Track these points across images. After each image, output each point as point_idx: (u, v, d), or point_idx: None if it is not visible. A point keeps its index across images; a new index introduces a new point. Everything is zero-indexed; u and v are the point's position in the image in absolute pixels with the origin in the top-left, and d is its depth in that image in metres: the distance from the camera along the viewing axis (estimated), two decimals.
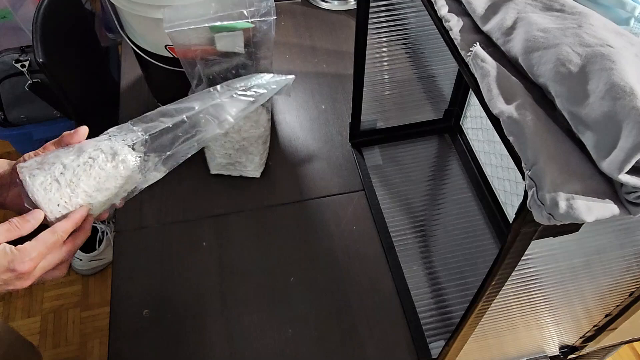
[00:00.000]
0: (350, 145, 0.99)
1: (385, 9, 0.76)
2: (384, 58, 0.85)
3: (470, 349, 0.65)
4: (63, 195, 0.53)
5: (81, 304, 1.58)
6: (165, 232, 0.87)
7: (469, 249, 0.86)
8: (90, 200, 0.55)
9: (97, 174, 0.54)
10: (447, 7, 0.50)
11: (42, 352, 1.48)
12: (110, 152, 0.55)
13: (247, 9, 0.74)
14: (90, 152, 0.55)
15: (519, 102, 0.39)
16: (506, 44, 0.45)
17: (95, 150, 0.55)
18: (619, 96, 0.35)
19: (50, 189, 0.52)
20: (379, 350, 0.76)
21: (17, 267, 0.48)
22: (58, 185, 0.52)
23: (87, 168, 0.54)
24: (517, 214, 0.38)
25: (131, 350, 0.75)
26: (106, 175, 0.55)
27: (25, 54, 1.47)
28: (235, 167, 0.92)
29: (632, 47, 0.39)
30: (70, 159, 0.54)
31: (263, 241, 0.86)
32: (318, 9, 1.28)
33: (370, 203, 0.90)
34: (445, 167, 0.98)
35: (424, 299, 0.81)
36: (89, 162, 0.54)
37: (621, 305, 0.62)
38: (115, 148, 0.56)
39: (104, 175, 0.54)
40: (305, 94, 1.09)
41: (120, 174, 0.56)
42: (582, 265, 0.56)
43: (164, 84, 0.99)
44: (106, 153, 0.55)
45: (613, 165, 0.34)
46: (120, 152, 0.56)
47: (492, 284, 0.47)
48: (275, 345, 0.76)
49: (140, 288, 0.81)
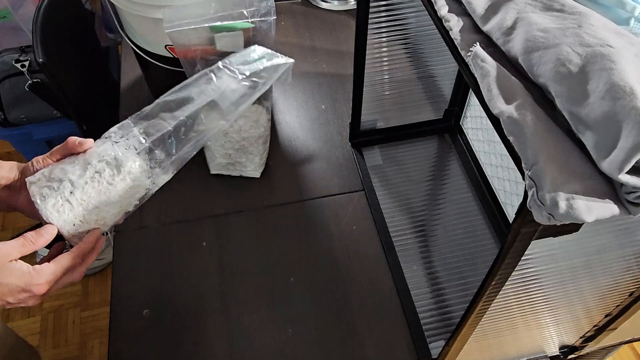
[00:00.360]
0: (350, 145, 0.99)
1: (385, 9, 0.76)
2: (384, 58, 0.85)
3: (470, 349, 0.65)
4: (77, 215, 0.54)
5: (81, 304, 1.58)
6: (165, 232, 0.87)
7: (469, 249, 0.86)
8: (103, 215, 0.55)
9: (106, 189, 0.54)
10: (447, 7, 0.50)
11: (42, 352, 1.48)
12: (116, 165, 0.54)
13: (247, 9, 0.74)
14: (96, 165, 0.54)
15: (519, 102, 0.39)
16: (506, 44, 0.45)
17: (100, 161, 0.54)
18: (619, 96, 0.35)
19: (63, 210, 0.53)
20: (379, 350, 0.76)
21: (33, 289, 0.50)
22: (70, 205, 0.53)
23: (95, 185, 0.53)
24: (517, 214, 0.38)
25: (131, 350, 0.75)
26: (115, 189, 0.55)
27: (25, 54, 1.47)
28: (235, 167, 0.92)
29: (632, 47, 0.39)
30: (77, 175, 0.53)
31: (263, 241, 0.86)
32: (318, 9, 1.28)
33: (370, 203, 0.90)
34: (445, 167, 0.98)
35: (424, 299, 0.81)
36: (96, 178, 0.54)
37: (621, 305, 0.62)
38: (120, 159, 0.55)
39: (113, 190, 0.54)
40: (305, 94, 1.09)
41: (129, 186, 0.55)
42: (582, 265, 0.56)
43: (164, 84, 0.98)
44: (111, 165, 0.54)
45: (613, 165, 0.34)
46: (125, 163, 0.55)
47: (492, 284, 0.47)
48: (275, 345, 0.76)
49: (140, 288, 0.81)
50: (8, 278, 0.48)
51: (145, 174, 0.56)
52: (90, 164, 0.54)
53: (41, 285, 0.50)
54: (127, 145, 0.56)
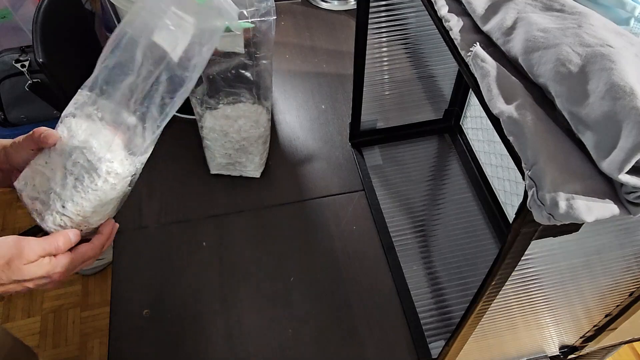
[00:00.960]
0: (350, 145, 0.99)
1: (385, 9, 0.76)
2: (384, 58, 0.85)
3: (470, 349, 0.65)
4: (80, 224, 0.54)
5: (81, 304, 1.58)
6: (165, 232, 0.87)
7: (469, 249, 0.86)
8: (105, 212, 0.56)
9: (95, 195, 0.53)
10: (447, 7, 0.50)
11: (42, 352, 1.48)
12: (91, 167, 0.52)
13: (247, 9, 0.74)
14: (72, 171, 0.53)
15: (519, 102, 0.39)
16: (506, 44, 0.45)
17: (75, 165, 0.53)
18: (619, 96, 0.35)
19: (65, 223, 0.53)
20: (379, 350, 0.76)
21: (53, 277, 0.52)
22: (69, 218, 0.53)
23: (82, 195, 0.53)
24: (517, 214, 0.38)
25: (131, 350, 0.75)
26: (104, 192, 0.54)
27: (25, 54, 1.48)
28: (235, 167, 0.92)
29: (632, 47, 0.39)
30: (59, 185, 0.53)
31: (263, 241, 0.86)
32: (318, 9, 1.28)
33: (370, 203, 0.90)
34: (445, 167, 0.98)
35: (424, 299, 0.81)
36: (79, 187, 0.53)
37: (621, 305, 0.62)
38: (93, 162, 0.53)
39: (101, 194, 0.54)
40: (305, 94, 1.09)
41: (114, 184, 0.54)
42: (582, 265, 0.56)
43: None
44: (87, 169, 0.53)
45: (613, 165, 0.34)
46: (100, 165, 0.53)
47: (492, 284, 0.47)
48: (275, 345, 0.76)
49: (140, 288, 0.81)
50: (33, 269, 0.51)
51: (124, 166, 0.54)
52: (66, 168, 0.53)
53: (61, 273, 0.53)
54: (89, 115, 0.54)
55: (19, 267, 0.49)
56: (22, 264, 0.49)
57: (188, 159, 0.97)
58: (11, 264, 0.49)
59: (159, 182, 0.94)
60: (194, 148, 0.96)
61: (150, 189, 0.93)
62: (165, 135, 1.00)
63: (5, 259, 0.49)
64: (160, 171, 0.95)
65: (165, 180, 0.94)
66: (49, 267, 0.51)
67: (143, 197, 0.91)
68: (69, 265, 0.53)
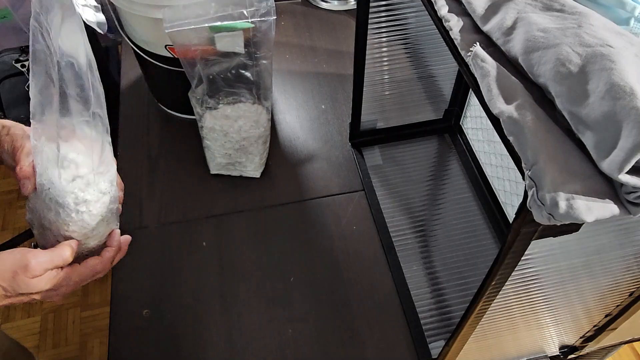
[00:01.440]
0: (350, 145, 0.99)
1: (385, 9, 0.76)
2: (384, 58, 0.85)
3: (470, 349, 0.65)
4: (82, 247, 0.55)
5: (81, 304, 1.58)
6: (165, 232, 0.87)
7: (469, 249, 0.86)
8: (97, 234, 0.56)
9: (76, 225, 0.53)
10: (447, 7, 0.50)
11: (42, 352, 1.48)
12: (58, 204, 0.51)
13: (247, 9, 0.74)
14: (50, 206, 0.52)
15: (519, 102, 0.39)
16: (506, 44, 0.45)
17: (50, 201, 0.52)
18: (619, 96, 0.35)
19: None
20: (379, 350, 0.76)
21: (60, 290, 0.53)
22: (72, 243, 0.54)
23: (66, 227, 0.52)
24: (517, 214, 0.38)
25: (131, 350, 0.75)
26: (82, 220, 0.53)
27: (25, 54, 1.48)
28: (235, 167, 0.92)
29: (632, 47, 0.39)
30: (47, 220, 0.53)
31: (263, 241, 0.86)
32: (318, 9, 1.28)
33: (370, 203, 0.90)
34: (445, 167, 0.98)
35: (424, 299, 0.81)
36: (60, 221, 0.52)
37: (621, 305, 0.62)
38: (57, 198, 0.51)
39: (81, 222, 0.53)
40: (305, 94, 1.09)
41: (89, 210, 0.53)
42: (582, 265, 0.56)
43: (164, 84, 1.00)
44: (61, 205, 0.51)
45: (613, 165, 0.34)
46: (64, 198, 0.51)
47: (492, 284, 0.47)
48: (275, 345, 0.76)
49: (140, 288, 0.81)
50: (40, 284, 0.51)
51: (90, 191, 0.53)
52: (50, 209, 0.52)
53: (68, 287, 0.53)
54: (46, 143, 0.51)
55: (26, 281, 0.49)
56: (29, 277, 0.49)
57: (188, 159, 0.97)
58: (17, 278, 0.49)
59: (159, 182, 0.94)
60: (194, 148, 0.96)
61: (150, 189, 0.93)
62: (166, 136, 1.00)
63: (12, 273, 0.49)
64: (160, 171, 0.95)
65: (165, 180, 0.94)
66: (56, 281, 0.51)
67: (143, 197, 0.91)
68: (78, 279, 0.53)
